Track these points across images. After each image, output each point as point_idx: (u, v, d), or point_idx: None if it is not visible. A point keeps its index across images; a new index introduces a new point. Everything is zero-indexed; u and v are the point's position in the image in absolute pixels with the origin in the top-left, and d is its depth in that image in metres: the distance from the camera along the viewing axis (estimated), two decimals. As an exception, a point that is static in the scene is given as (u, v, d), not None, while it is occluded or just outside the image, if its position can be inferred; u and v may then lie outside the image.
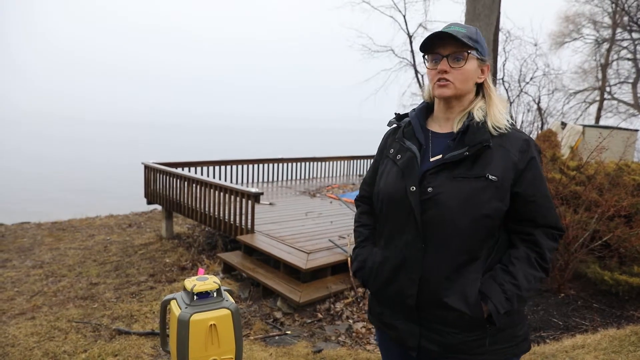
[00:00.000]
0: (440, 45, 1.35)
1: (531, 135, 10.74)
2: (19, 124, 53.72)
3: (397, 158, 1.44)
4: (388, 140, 1.56)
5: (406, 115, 1.54)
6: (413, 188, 1.35)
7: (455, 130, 1.38)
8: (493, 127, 1.32)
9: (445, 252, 1.31)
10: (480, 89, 1.42)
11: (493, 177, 1.28)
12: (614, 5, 17.45)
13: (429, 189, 1.32)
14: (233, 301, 1.62)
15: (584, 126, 8.95)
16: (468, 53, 1.33)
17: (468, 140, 1.32)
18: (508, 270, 1.32)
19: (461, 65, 1.33)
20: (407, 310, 1.39)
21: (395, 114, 1.58)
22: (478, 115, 1.35)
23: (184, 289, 1.60)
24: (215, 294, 1.59)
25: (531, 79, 11.57)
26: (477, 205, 1.28)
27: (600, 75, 18.87)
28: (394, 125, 1.57)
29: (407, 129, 1.48)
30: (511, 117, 1.40)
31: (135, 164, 8.95)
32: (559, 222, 1.37)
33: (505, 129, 1.33)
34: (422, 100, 1.58)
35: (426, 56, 1.41)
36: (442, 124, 1.44)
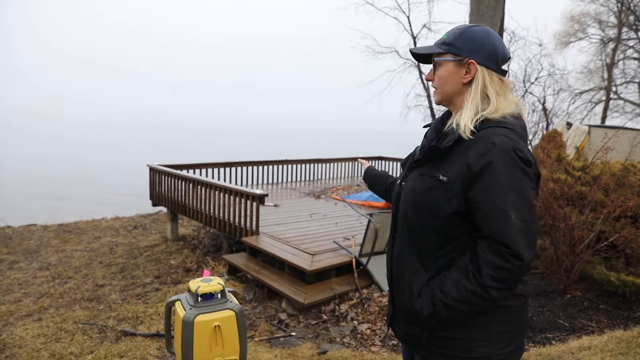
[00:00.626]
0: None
1: (536, 136, 10.67)
2: (19, 126, 54.07)
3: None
4: None
5: None
6: (398, 181, 1.52)
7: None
8: (462, 132, 1.30)
9: (402, 243, 1.42)
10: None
11: (443, 178, 1.29)
12: (619, 4, 17.36)
13: (403, 183, 1.46)
14: (237, 302, 1.63)
15: (590, 126, 8.89)
16: (434, 60, 1.41)
17: (437, 142, 1.42)
18: (443, 276, 1.31)
19: (438, 71, 1.41)
20: (390, 293, 1.53)
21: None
22: (456, 120, 1.36)
23: (189, 291, 1.61)
24: (219, 296, 1.60)
25: (536, 79, 11.50)
26: (423, 202, 1.34)
27: (606, 75, 18.78)
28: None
29: (428, 129, 1.58)
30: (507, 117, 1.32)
31: (139, 166, 9.00)
32: (509, 239, 1.19)
33: (470, 136, 1.27)
34: (426, 102, 1.64)
35: None
36: None
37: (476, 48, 1.35)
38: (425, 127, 1.64)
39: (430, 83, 1.47)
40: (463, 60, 1.35)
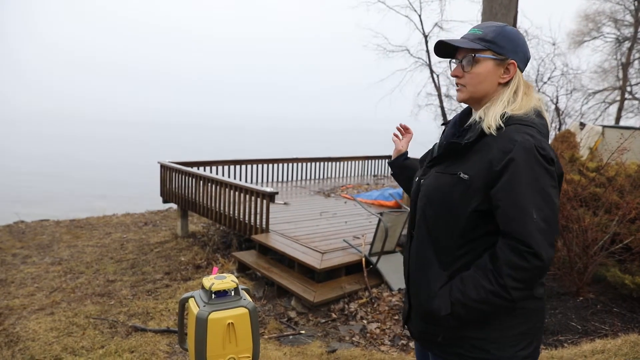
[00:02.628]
0: (458, 50, 1.39)
1: (549, 136, 10.55)
2: (21, 124, 54.69)
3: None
4: None
5: None
6: (416, 179, 1.48)
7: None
8: (486, 126, 1.28)
9: (421, 242, 1.39)
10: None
11: (464, 176, 1.26)
12: (636, 2, 17.06)
13: (422, 181, 1.43)
14: (250, 300, 1.63)
15: (604, 127, 8.78)
16: (473, 57, 1.33)
17: (457, 139, 1.38)
18: (462, 276, 1.28)
19: (472, 69, 1.34)
20: (407, 291, 1.50)
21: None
22: (478, 114, 1.34)
23: (202, 287, 1.61)
24: (233, 293, 1.60)
25: (549, 78, 11.38)
26: (441, 200, 1.32)
27: (620, 75, 18.45)
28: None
29: (447, 127, 1.55)
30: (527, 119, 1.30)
31: (147, 163, 9.06)
32: (528, 238, 1.17)
33: (493, 131, 1.26)
34: (437, 100, 1.63)
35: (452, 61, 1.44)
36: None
37: (516, 48, 1.33)
38: (443, 124, 1.62)
39: (454, 79, 1.42)
40: (505, 60, 1.32)
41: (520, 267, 1.18)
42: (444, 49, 1.40)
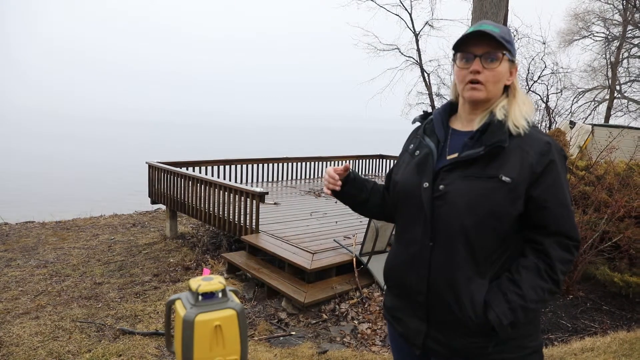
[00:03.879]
0: (473, 44, 1.30)
1: None
2: (18, 123, 54.10)
3: (416, 154, 1.45)
4: (410, 136, 1.56)
5: (431, 113, 1.52)
6: (426, 184, 1.34)
7: (475, 128, 1.34)
8: (513, 127, 1.27)
9: (451, 251, 1.29)
10: (505, 89, 1.37)
11: (506, 179, 1.22)
12: (624, 2, 17.26)
13: (441, 187, 1.31)
14: (239, 302, 1.59)
15: (593, 125, 8.87)
16: (503, 54, 1.29)
17: (485, 140, 1.28)
18: (513, 280, 1.25)
19: (495, 66, 1.29)
20: (417, 307, 1.37)
21: (423, 111, 1.58)
22: (499, 114, 1.30)
23: (189, 289, 1.57)
24: (220, 295, 1.56)
25: (539, 77, 11.46)
26: (485, 206, 1.24)
27: (610, 74, 18.66)
28: (418, 123, 1.56)
29: (428, 126, 1.47)
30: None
31: (138, 163, 8.97)
32: (573, 232, 1.27)
33: (524, 130, 1.27)
34: (428, 99, 1.58)
35: (457, 55, 1.35)
36: (465, 123, 1.41)
37: (515, 52, 1.36)
38: (414, 122, 1.56)
39: (459, 76, 1.35)
40: (514, 62, 1.34)
41: (569, 260, 1.28)
42: (473, 39, 1.30)
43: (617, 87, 18.66)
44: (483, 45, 1.29)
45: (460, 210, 1.27)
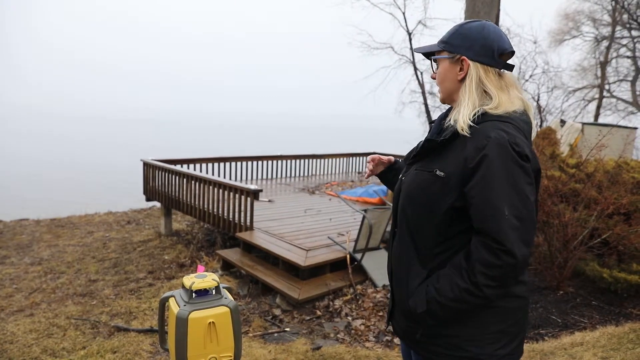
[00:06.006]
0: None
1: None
2: (15, 122, 53.65)
3: None
4: None
5: None
6: (400, 177, 1.49)
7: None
8: (460, 128, 1.27)
9: (401, 239, 1.41)
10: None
11: (440, 173, 1.28)
12: (613, 2, 17.41)
13: (403, 178, 1.45)
14: (232, 299, 1.62)
15: (583, 124, 8.95)
16: (433, 59, 1.44)
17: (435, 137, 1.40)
18: (438, 274, 1.29)
19: (436, 70, 1.44)
20: (390, 289, 1.52)
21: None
22: (454, 116, 1.34)
23: (183, 287, 1.60)
24: (214, 292, 1.58)
25: (530, 76, 11.54)
26: (421, 197, 1.32)
27: (599, 73, 18.83)
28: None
29: (433, 124, 1.57)
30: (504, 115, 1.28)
31: (134, 161, 8.95)
32: (499, 234, 1.16)
33: (467, 131, 1.24)
34: (421, 98, 1.63)
35: None
36: None
37: (469, 44, 1.33)
38: (431, 122, 1.64)
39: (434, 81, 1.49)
40: (455, 57, 1.35)
41: (493, 264, 1.17)
42: (425, 54, 1.49)
43: (606, 87, 18.80)
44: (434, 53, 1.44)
45: (405, 200, 1.39)
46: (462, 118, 1.27)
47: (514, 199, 1.18)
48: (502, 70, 1.35)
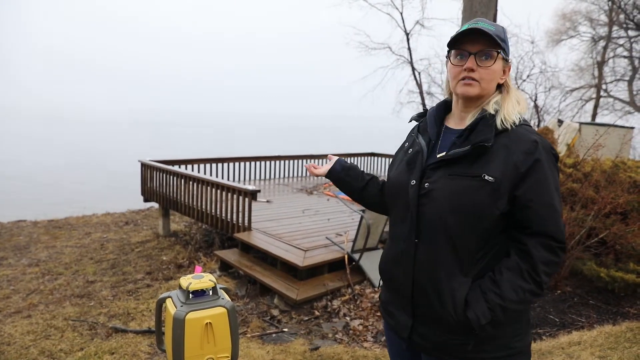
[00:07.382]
0: (468, 42, 1.31)
1: None
2: (12, 124, 53.59)
3: (409, 152, 1.48)
4: (408, 135, 1.58)
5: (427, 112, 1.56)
6: (413, 182, 1.36)
7: (464, 126, 1.36)
8: (502, 121, 1.28)
9: (435, 249, 1.31)
10: (498, 87, 1.38)
11: (490, 178, 1.22)
12: (610, 3, 17.46)
13: (426, 184, 1.33)
14: (229, 299, 1.62)
15: (581, 124, 8.97)
16: (498, 52, 1.30)
17: (472, 138, 1.29)
18: (494, 279, 1.26)
19: (489, 64, 1.30)
20: (405, 302, 1.40)
21: (423, 110, 1.62)
22: (491, 109, 1.31)
23: (180, 287, 1.59)
24: (211, 292, 1.58)
25: (528, 76, 11.54)
26: (468, 205, 1.25)
27: (596, 73, 18.88)
28: (415, 122, 1.59)
29: (422, 124, 1.50)
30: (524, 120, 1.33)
31: (132, 162, 8.94)
32: (558, 233, 1.24)
33: (512, 125, 1.27)
34: (419, 98, 1.60)
35: (451, 52, 1.36)
36: (457, 121, 1.43)
37: (509, 51, 1.36)
38: (411, 120, 1.60)
39: (452, 72, 1.36)
40: (508, 61, 1.35)
41: (554, 262, 1.25)
42: (467, 37, 1.31)
43: (604, 86, 18.84)
44: (478, 43, 1.30)
45: (443, 208, 1.28)
46: (512, 112, 1.29)
47: (559, 200, 1.28)
48: None
